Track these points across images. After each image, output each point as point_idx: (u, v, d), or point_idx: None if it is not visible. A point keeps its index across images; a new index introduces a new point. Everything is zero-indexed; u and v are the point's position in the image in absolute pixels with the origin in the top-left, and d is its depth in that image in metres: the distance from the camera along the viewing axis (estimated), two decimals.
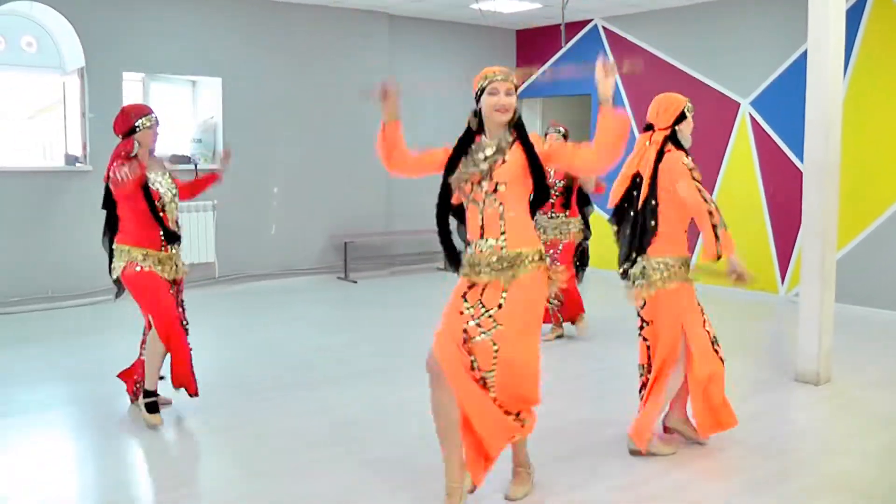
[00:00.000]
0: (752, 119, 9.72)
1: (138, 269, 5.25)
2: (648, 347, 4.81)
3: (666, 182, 4.59)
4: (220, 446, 5.11)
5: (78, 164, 9.13)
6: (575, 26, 11.52)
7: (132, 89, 9.71)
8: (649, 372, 4.82)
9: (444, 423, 3.94)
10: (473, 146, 3.96)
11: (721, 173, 9.96)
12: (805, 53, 6.37)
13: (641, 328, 4.83)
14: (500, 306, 3.83)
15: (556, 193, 7.50)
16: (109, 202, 5.34)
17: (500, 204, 3.87)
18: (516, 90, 3.94)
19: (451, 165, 3.96)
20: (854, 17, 8.45)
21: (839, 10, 6.11)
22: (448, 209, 4.07)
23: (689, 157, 4.67)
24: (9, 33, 9.00)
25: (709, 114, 10.08)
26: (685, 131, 4.79)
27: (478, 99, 3.94)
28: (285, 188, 10.44)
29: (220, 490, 4.45)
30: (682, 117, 4.81)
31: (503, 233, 3.87)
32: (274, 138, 10.38)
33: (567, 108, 13.32)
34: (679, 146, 4.71)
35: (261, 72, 10.25)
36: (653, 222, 4.62)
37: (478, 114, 3.97)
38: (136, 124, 5.25)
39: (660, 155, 4.66)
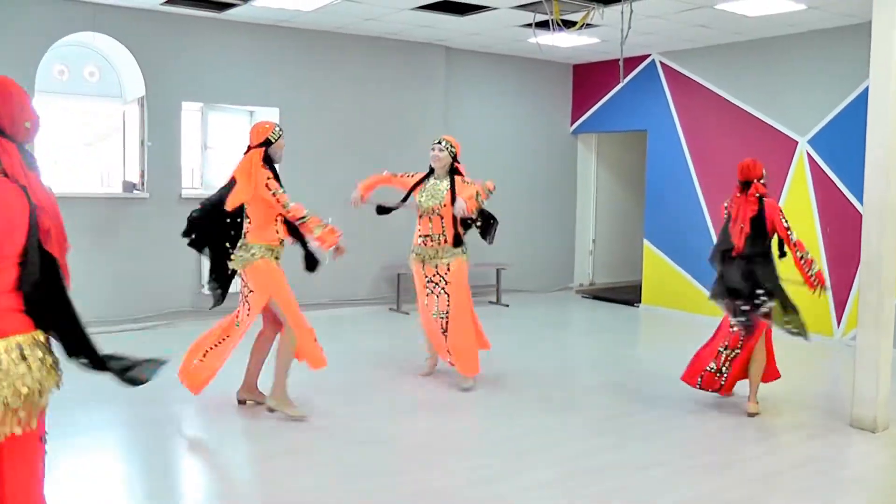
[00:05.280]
0: (810, 158, 9.55)
1: None
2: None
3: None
4: (273, 475, 5.11)
5: (135, 191, 9.29)
6: (633, 61, 11.48)
7: (191, 118, 9.88)
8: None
9: None
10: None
11: None
12: (866, 91, 6.25)
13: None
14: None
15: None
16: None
17: None
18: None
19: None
20: None
21: None
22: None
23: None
24: (72, 63, 9.24)
25: (765, 152, 9.92)
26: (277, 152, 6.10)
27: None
28: (340, 219, 10.47)
29: None
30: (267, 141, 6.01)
31: None
32: (330, 169, 10.46)
33: (622, 143, 13.27)
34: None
35: (318, 102, 10.36)
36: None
37: None
38: None
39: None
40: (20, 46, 8.46)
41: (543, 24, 9.01)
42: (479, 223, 7.12)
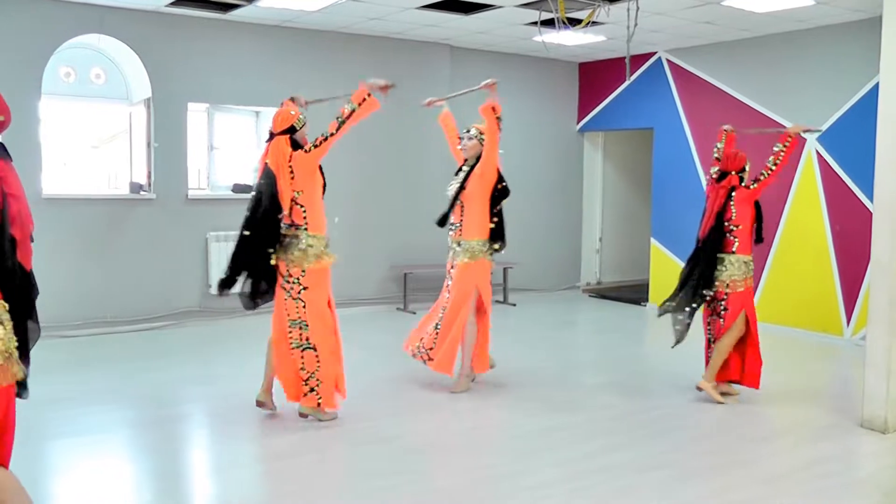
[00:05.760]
0: (819, 155, 9.49)
1: None
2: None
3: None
4: (281, 474, 5.11)
5: (142, 192, 9.29)
6: (639, 59, 11.44)
7: (197, 119, 9.87)
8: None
9: None
10: None
11: (786, 211, 9.73)
12: (876, 87, 6.20)
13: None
14: None
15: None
16: None
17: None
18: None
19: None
20: None
21: None
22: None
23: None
24: (79, 65, 9.24)
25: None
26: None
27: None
28: (346, 218, 10.48)
29: None
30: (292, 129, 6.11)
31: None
32: (335, 168, 10.35)
33: (629, 141, 13.22)
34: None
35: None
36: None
37: None
38: None
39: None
40: (26, 49, 8.46)
41: (549, 23, 8.97)
42: (496, 212, 6.99)
